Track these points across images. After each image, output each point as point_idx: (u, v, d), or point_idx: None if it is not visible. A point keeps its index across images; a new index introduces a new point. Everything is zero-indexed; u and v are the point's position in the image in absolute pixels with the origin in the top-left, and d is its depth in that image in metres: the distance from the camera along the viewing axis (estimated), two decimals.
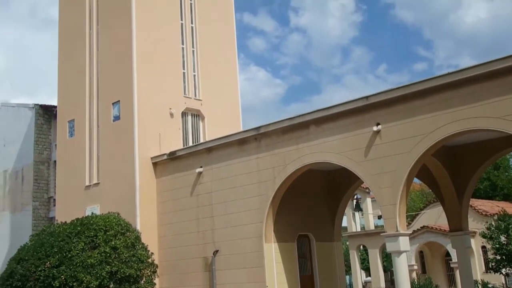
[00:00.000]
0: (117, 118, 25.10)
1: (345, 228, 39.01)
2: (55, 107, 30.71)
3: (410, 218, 40.34)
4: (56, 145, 30.02)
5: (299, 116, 19.59)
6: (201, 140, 25.84)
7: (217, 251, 21.38)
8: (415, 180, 20.11)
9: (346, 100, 18.55)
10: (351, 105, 18.30)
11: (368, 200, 38.89)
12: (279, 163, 19.94)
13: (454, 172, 20.94)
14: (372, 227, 39.83)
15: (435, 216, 37.00)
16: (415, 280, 34.97)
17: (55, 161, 30.68)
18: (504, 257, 27.40)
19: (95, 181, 25.75)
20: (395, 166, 17.06)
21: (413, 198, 51.19)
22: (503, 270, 28.25)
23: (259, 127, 20.69)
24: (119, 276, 18.53)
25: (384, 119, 17.55)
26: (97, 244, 18.82)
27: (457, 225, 21.52)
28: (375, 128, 17.59)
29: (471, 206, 31.50)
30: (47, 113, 33.15)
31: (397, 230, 16.91)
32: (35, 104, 33.19)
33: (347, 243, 42.14)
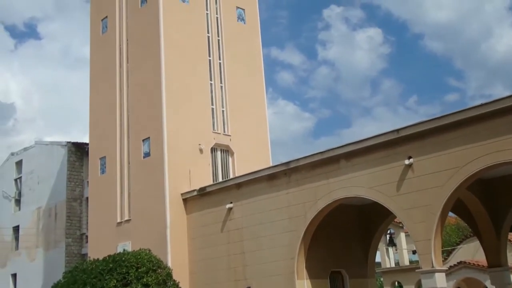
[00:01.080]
0: (147, 154, 25.19)
1: (379, 264, 38.25)
2: (87, 144, 31.02)
3: (446, 253, 39.39)
4: (88, 182, 30.21)
5: (329, 150, 19.38)
6: (231, 176, 25.74)
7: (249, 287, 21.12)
8: (450, 213, 19.61)
9: (377, 133, 18.31)
10: (381, 138, 18.05)
11: (402, 234, 38.19)
12: (309, 198, 19.69)
13: (491, 206, 20.38)
14: (406, 262, 39.00)
15: (472, 251, 36.05)
16: None
17: (87, 198, 30.85)
18: None
19: (126, 218, 25.77)
20: (428, 200, 16.68)
21: (449, 233, 50.13)
22: None
23: (289, 162, 20.52)
24: None
25: (416, 152, 17.25)
26: (129, 281, 18.72)
27: (496, 261, 20.90)
28: (407, 162, 17.29)
29: (509, 240, 30.66)
30: (79, 150, 33.48)
31: (432, 266, 16.46)
32: (68, 142, 33.57)
33: (381, 279, 41.31)
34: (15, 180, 37.20)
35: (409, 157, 17.33)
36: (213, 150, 26.20)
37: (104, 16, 29.73)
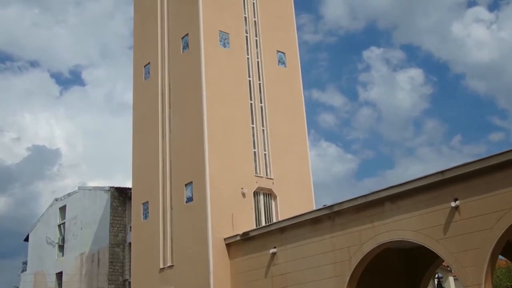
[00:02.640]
0: (190, 199, 25.20)
1: None
2: (129, 189, 31.23)
3: None
4: (131, 227, 30.32)
5: (373, 193, 19.09)
6: (274, 220, 25.53)
7: None
8: (500, 256, 19.04)
9: (421, 175, 17.99)
10: (426, 180, 17.71)
11: (451, 279, 37.24)
12: (354, 242, 19.34)
13: None
14: None
15: None
16: None
17: (130, 243, 30.92)
18: None
19: (169, 264, 25.66)
20: (477, 244, 16.20)
21: (499, 276, 48.58)
22: None
23: (333, 206, 20.26)
24: None
25: (462, 194, 16.85)
26: None
27: None
28: (453, 204, 16.89)
29: None
30: (122, 195, 33.74)
31: None
32: (111, 187, 33.88)
33: None
34: (59, 225, 37.64)
35: (455, 199, 16.94)
36: (255, 194, 26.08)
37: (147, 62, 30.25)
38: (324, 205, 21.97)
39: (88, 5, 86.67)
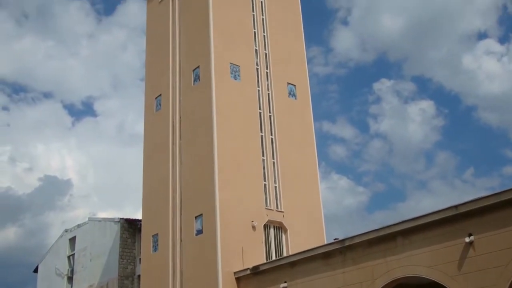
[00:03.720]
0: (200, 232, 25.03)
1: None
2: (139, 221, 31.09)
3: None
4: (140, 259, 30.09)
5: (385, 227, 18.86)
6: (284, 254, 25.28)
7: None
8: None
9: (434, 209, 17.74)
10: (440, 215, 17.47)
11: None
12: (366, 278, 19.05)
13: None
14: None
15: None
16: None
17: (139, 276, 30.65)
18: None
19: None
20: (492, 280, 15.90)
21: None
22: None
23: (344, 240, 20.03)
24: None
25: (476, 229, 16.58)
26: None
27: None
28: (467, 239, 16.62)
29: None
30: (132, 227, 33.55)
31: None
32: (121, 218, 33.73)
33: None
34: (68, 257, 37.44)
35: (470, 234, 16.67)
36: (266, 227, 25.88)
37: (158, 94, 30.36)
38: (336, 239, 21.74)
39: (101, 37, 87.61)
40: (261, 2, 30.87)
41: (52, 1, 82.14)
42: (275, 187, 26.95)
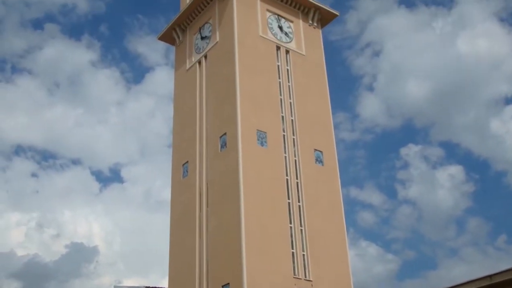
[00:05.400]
0: None
1: None
2: None
3: None
4: None
5: None
6: None
7: None
8: None
9: (468, 279, 17.23)
10: (474, 285, 16.94)
11: None
12: None
13: None
14: None
15: None
16: None
17: None
18: None
19: None
20: None
21: None
22: None
23: None
24: None
25: None
26: None
27: None
28: None
29: None
30: None
31: None
32: (146, 287, 33.31)
33: None
34: None
35: None
36: None
37: (185, 161, 30.47)
38: None
39: (130, 105, 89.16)
40: (287, 69, 31.20)
41: (83, 70, 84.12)
42: (303, 255, 26.49)
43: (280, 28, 32.10)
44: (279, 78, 30.52)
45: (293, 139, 29.19)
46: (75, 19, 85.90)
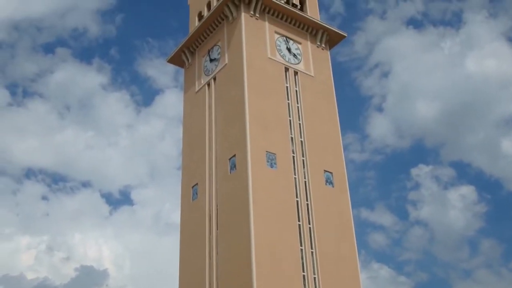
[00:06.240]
0: None
1: None
2: None
3: None
4: None
5: None
6: None
7: None
8: None
9: None
10: None
11: None
12: None
13: None
14: None
15: None
16: None
17: None
18: None
19: None
20: None
21: None
22: None
23: None
24: None
25: None
26: None
27: None
28: None
29: None
30: None
31: None
32: None
33: None
34: None
35: None
36: None
37: (194, 183, 30.40)
38: None
39: (139, 127, 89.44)
40: (296, 90, 31.20)
41: (93, 93, 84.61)
42: (314, 278, 26.20)
43: (289, 49, 32.16)
44: (288, 100, 30.50)
45: (303, 160, 29.07)
46: (86, 43, 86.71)
